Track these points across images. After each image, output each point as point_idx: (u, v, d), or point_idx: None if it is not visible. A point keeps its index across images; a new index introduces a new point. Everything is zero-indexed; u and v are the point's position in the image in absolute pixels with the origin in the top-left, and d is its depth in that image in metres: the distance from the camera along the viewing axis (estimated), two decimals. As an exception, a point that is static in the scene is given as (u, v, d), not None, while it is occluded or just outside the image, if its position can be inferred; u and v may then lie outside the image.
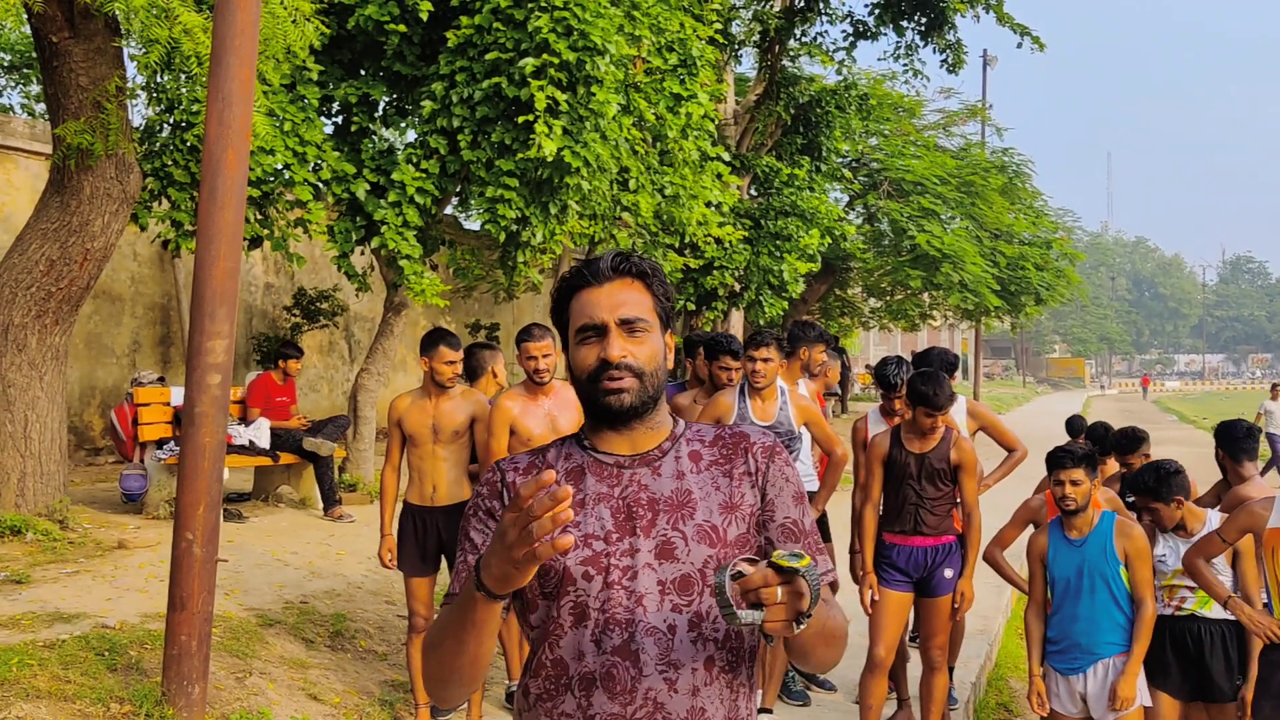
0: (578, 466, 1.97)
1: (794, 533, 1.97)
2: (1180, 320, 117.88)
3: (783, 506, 1.98)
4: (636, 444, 1.97)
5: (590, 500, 1.92)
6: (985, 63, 36.91)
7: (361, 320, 16.65)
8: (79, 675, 4.82)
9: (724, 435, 2.02)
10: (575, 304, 1.97)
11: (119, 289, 12.56)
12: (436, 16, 9.06)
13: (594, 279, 1.95)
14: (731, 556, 1.88)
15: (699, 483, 1.94)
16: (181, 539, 4.57)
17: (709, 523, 1.91)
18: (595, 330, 1.93)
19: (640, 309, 1.94)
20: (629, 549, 1.87)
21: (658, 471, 1.95)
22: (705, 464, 1.97)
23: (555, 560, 1.86)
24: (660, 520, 1.90)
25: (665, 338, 1.99)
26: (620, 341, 1.91)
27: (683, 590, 1.86)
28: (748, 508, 1.95)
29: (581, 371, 1.94)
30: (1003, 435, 6.27)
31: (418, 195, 9.02)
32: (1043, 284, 23.89)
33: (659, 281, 1.99)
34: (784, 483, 1.99)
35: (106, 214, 7.41)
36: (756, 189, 17.24)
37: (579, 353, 1.95)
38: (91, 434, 12.15)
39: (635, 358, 1.92)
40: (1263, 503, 4.44)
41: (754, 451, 1.99)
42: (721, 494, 1.94)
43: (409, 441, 5.44)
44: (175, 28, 6.28)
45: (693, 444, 2.00)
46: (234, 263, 4.65)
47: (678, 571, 1.87)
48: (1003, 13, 17.54)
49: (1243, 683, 4.69)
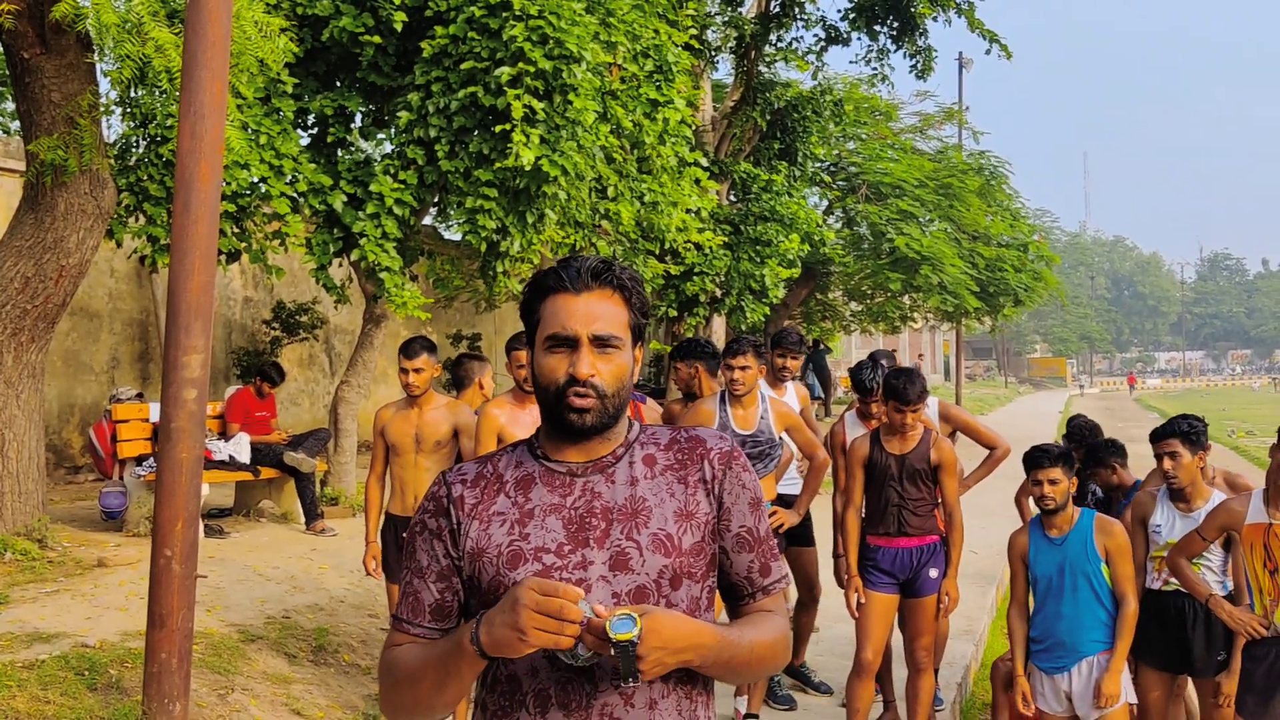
0: (528, 475, 1.93)
1: (748, 541, 1.95)
2: (1160, 318, 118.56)
3: (739, 515, 1.95)
4: (590, 451, 1.93)
5: (540, 511, 1.88)
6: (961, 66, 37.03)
7: (341, 333, 16.59)
8: (58, 695, 4.78)
9: (679, 439, 1.98)
10: (548, 307, 1.91)
11: (96, 305, 12.49)
12: (411, 27, 9.04)
13: (571, 285, 1.89)
14: (687, 566, 1.87)
15: (653, 489, 1.90)
16: (160, 555, 4.54)
17: (664, 531, 1.87)
18: (566, 342, 1.87)
19: (615, 325, 1.89)
20: (581, 561, 1.83)
21: (611, 479, 1.90)
22: (660, 469, 1.93)
23: (504, 575, 1.84)
24: (614, 530, 1.85)
25: (635, 351, 1.94)
26: (590, 358, 1.86)
27: (638, 600, 1.83)
28: (703, 516, 1.91)
29: (547, 382, 1.89)
30: (980, 434, 6.22)
31: (396, 206, 8.99)
32: (1021, 285, 23.97)
33: (637, 295, 1.93)
34: (741, 490, 1.95)
35: (81, 230, 7.36)
36: (735, 195, 17.26)
37: (546, 360, 1.89)
38: (70, 452, 12.07)
39: (602, 377, 1.87)
40: (1240, 499, 4.48)
41: (710, 458, 1.94)
42: (676, 501, 1.90)
43: (392, 451, 5.43)
44: (147, 44, 6.24)
45: (647, 448, 1.96)
46: (209, 277, 4.62)
47: (633, 583, 1.83)
48: (974, 19, 17.60)
49: (1225, 658, 4.71)
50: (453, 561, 1.91)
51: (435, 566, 1.92)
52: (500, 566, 1.85)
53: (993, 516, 10.52)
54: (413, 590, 1.92)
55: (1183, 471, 4.74)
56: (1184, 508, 4.82)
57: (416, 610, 1.92)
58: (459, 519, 1.91)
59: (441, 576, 1.91)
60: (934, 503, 5.26)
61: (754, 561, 1.97)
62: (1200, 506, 4.77)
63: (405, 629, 1.93)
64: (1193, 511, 4.78)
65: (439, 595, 1.91)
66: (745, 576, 1.97)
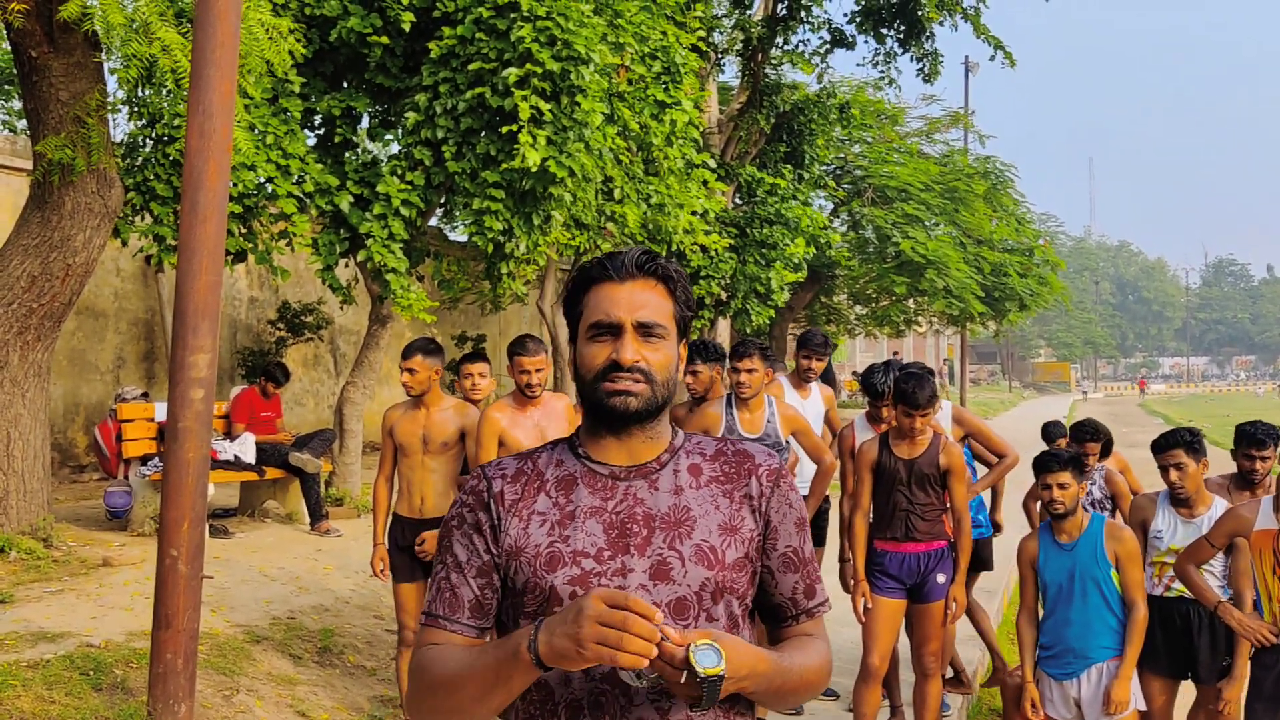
0: (569, 475, 1.87)
1: (794, 561, 1.91)
2: (1164, 323, 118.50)
3: (785, 534, 1.90)
4: (634, 454, 1.87)
5: (581, 513, 1.82)
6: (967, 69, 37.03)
7: (347, 333, 16.59)
8: (63, 695, 4.77)
9: (726, 451, 1.92)
10: (592, 297, 1.87)
11: (102, 305, 12.49)
12: (419, 28, 9.03)
13: (615, 274, 1.85)
14: (729, 580, 1.82)
15: (698, 499, 1.85)
16: (166, 555, 4.53)
17: (707, 543, 1.81)
18: (610, 329, 1.83)
19: (660, 314, 1.84)
20: (620, 568, 1.78)
21: (655, 485, 1.85)
22: (705, 479, 1.88)
23: (541, 578, 1.79)
24: (656, 538, 1.80)
25: (679, 347, 1.89)
26: (634, 345, 1.81)
27: (678, 614, 1.77)
28: (748, 532, 1.86)
29: (588, 370, 1.84)
30: (991, 441, 6.19)
31: (403, 207, 8.99)
32: (1026, 290, 23.96)
33: (682, 287, 1.89)
34: (788, 509, 1.91)
35: (88, 229, 7.36)
36: (741, 197, 17.25)
37: (589, 349, 1.85)
38: (76, 451, 12.07)
39: (648, 364, 1.82)
40: (1248, 506, 4.46)
41: (759, 474, 1.90)
42: (721, 514, 1.85)
43: (399, 452, 5.43)
44: (154, 44, 6.24)
45: (693, 457, 1.90)
46: (216, 276, 4.61)
47: (673, 594, 1.78)
48: (979, 24, 17.59)
49: (1229, 663, 4.70)
50: (493, 558, 1.84)
51: (475, 561, 1.85)
52: (538, 568, 1.80)
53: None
54: (450, 585, 1.85)
55: (1189, 481, 4.78)
56: (1185, 513, 4.82)
57: (454, 606, 1.84)
58: (499, 514, 1.85)
59: (482, 572, 1.85)
60: (942, 508, 5.23)
61: (799, 583, 1.93)
62: (1202, 513, 4.78)
63: (442, 626, 1.84)
64: (1195, 517, 4.79)
65: (478, 591, 1.84)
66: (790, 598, 1.93)
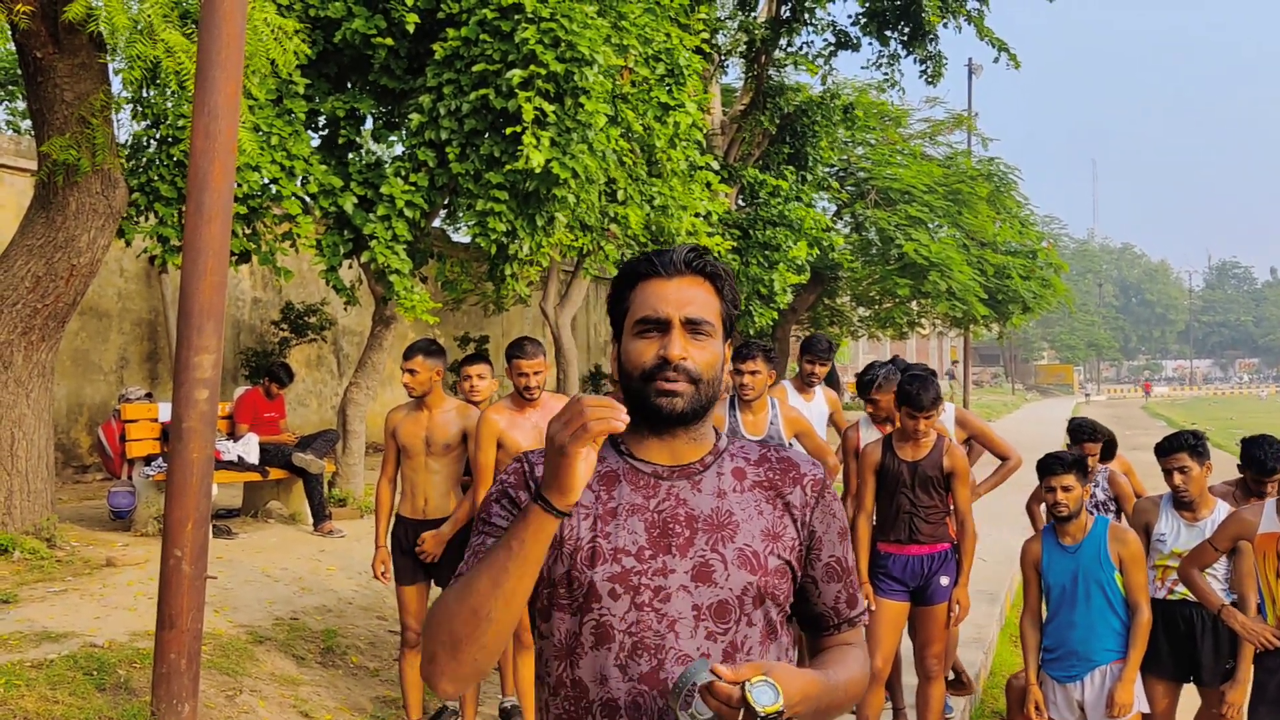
0: (612, 471, 1.84)
1: (838, 571, 1.90)
2: (1167, 326, 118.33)
3: (829, 544, 1.89)
4: (677, 454, 1.84)
5: (623, 511, 1.80)
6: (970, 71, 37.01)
7: (350, 334, 16.60)
8: (67, 695, 4.78)
9: (770, 457, 1.90)
10: (638, 294, 1.84)
11: (106, 305, 12.50)
12: (423, 29, 9.05)
13: (663, 270, 1.83)
14: (771, 586, 1.80)
15: (741, 503, 1.82)
16: (170, 556, 4.53)
17: (750, 547, 1.79)
18: (657, 325, 1.80)
19: (707, 310, 1.82)
20: (662, 568, 1.76)
21: (698, 486, 1.82)
22: (749, 484, 1.85)
23: (581, 572, 1.76)
24: (698, 539, 1.78)
25: (725, 346, 1.87)
26: (682, 341, 1.79)
27: (719, 617, 1.75)
28: (789, 540, 1.84)
29: (635, 367, 1.81)
30: (994, 443, 6.20)
31: (406, 209, 9.00)
32: (1029, 292, 23.94)
33: (729, 285, 1.87)
34: (831, 519, 1.89)
35: (92, 229, 7.37)
36: (744, 199, 17.26)
37: (635, 346, 1.82)
38: (79, 451, 12.08)
39: (695, 361, 1.79)
40: (1252, 509, 4.46)
41: (804, 484, 1.88)
42: (764, 520, 1.83)
43: (402, 453, 5.43)
44: (158, 46, 6.25)
45: (736, 460, 1.88)
46: (221, 277, 4.62)
47: (715, 596, 1.75)
48: (983, 26, 17.59)
49: (1232, 666, 4.70)
50: None
51: None
52: (578, 562, 1.77)
53: (1002, 524, 10.50)
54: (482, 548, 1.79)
55: (1193, 484, 4.78)
56: (1189, 516, 4.83)
57: None
58: None
59: None
60: (946, 510, 5.23)
61: (841, 592, 1.92)
62: (1206, 516, 4.78)
63: None
64: (1198, 521, 4.79)
65: None
66: (832, 607, 1.92)
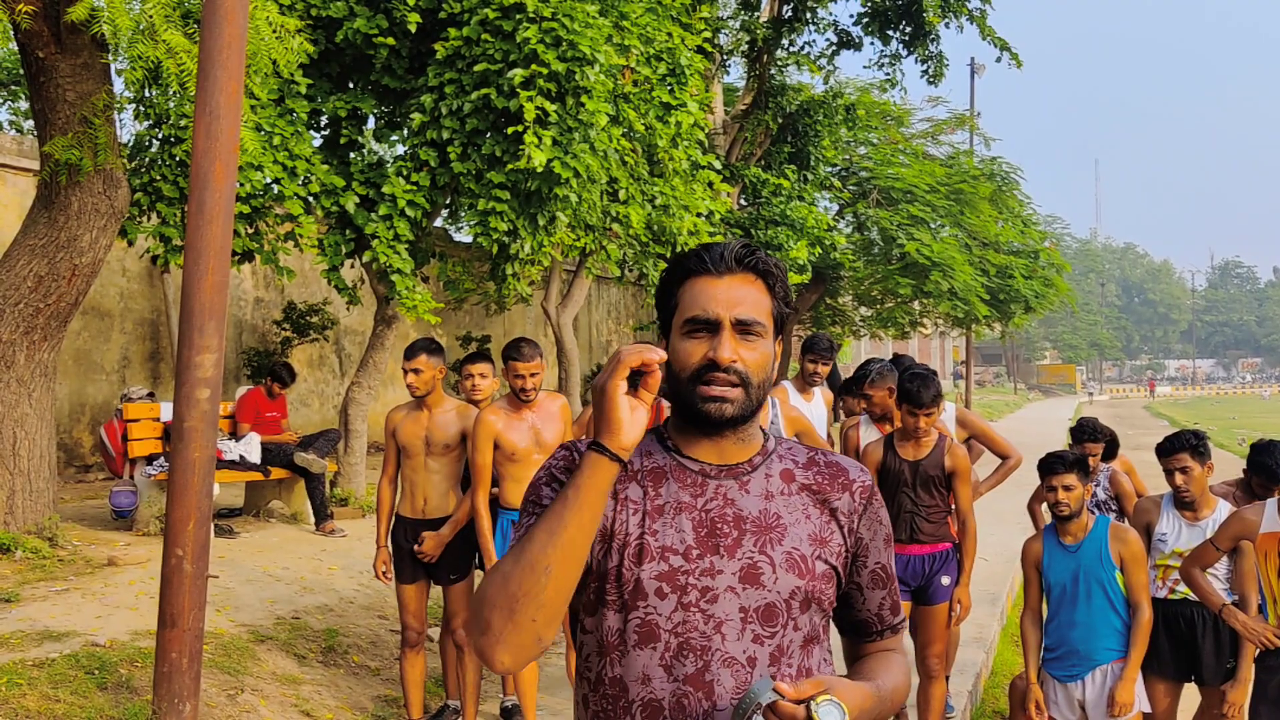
0: (659, 468, 1.81)
1: (882, 578, 1.89)
2: (1170, 326, 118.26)
3: (875, 551, 1.87)
4: (725, 454, 1.81)
5: (671, 508, 1.76)
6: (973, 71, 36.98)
7: (352, 334, 16.61)
8: (69, 694, 4.79)
9: (819, 461, 1.87)
10: (687, 291, 1.80)
11: (108, 305, 12.51)
12: (425, 29, 9.05)
13: (714, 267, 1.78)
14: (818, 591, 1.78)
15: (788, 506, 1.80)
16: (171, 555, 4.54)
17: (798, 551, 1.77)
18: (707, 325, 1.76)
19: (758, 310, 1.78)
20: (709, 568, 1.72)
21: (745, 487, 1.79)
22: (796, 487, 1.82)
23: (629, 569, 1.73)
24: (746, 541, 1.75)
25: (775, 345, 1.82)
26: (732, 343, 1.74)
27: (766, 621, 1.73)
28: (835, 545, 1.82)
29: (683, 368, 1.77)
30: (995, 443, 6.21)
31: (408, 208, 9.00)
32: (1031, 292, 23.92)
33: (781, 283, 1.83)
34: (878, 525, 1.88)
35: (95, 229, 7.37)
36: (746, 198, 17.25)
37: (683, 346, 1.78)
38: (81, 451, 12.09)
39: (745, 364, 1.75)
40: (1253, 508, 4.46)
41: (853, 490, 1.85)
42: (812, 524, 1.80)
43: (402, 453, 5.43)
44: (160, 46, 6.26)
45: (785, 462, 1.85)
46: (223, 276, 4.62)
47: (762, 599, 1.73)
48: (985, 26, 17.57)
49: (1233, 665, 4.70)
50: None
51: None
52: (625, 558, 1.74)
53: (1003, 523, 10.50)
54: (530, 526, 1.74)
55: (1194, 484, 4.78)
56: (1190, 516, 4.83)
57: None
58: None
59: None
60: (947, 510, 5.23)
61: (885, 599, 1.91)
62: (1207, 515, 4.79)
63: None
64: (1199, 520, 4.80)
65: None
66: (876, 614, 1.91)
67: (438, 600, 6.06)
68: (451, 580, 5.41)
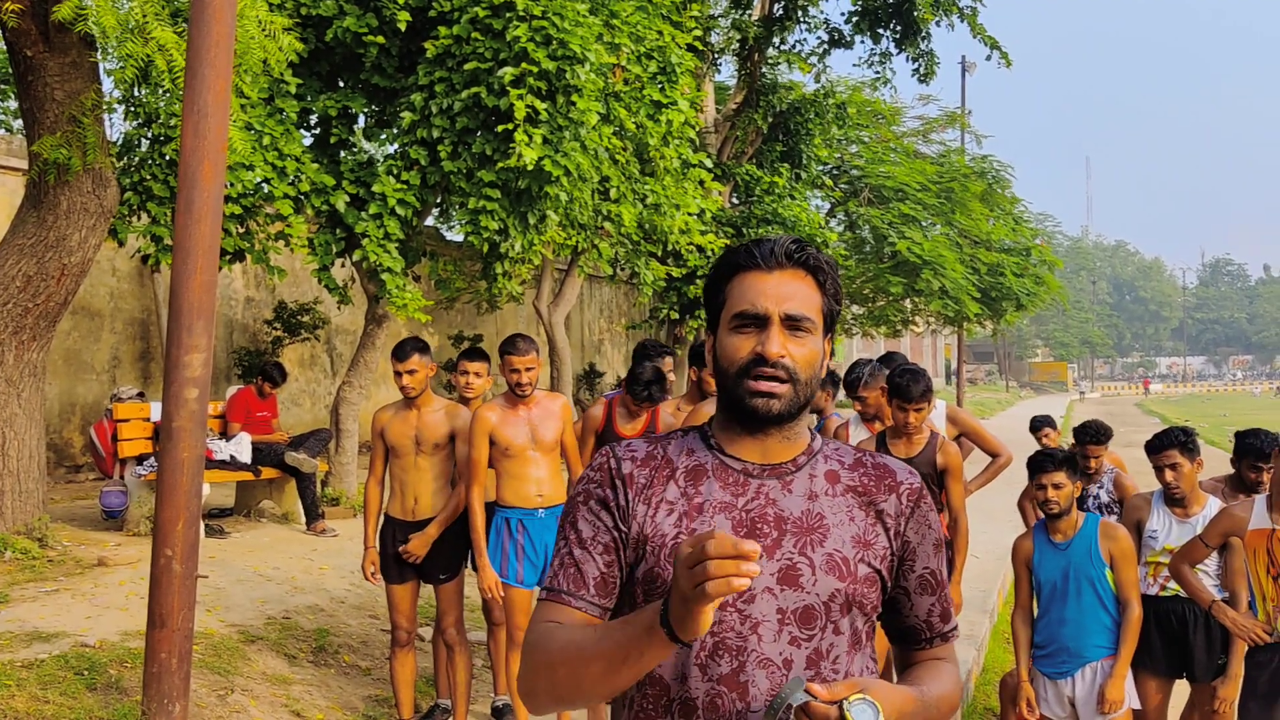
0: (700, 466, 1.79)
1: (931, 584, 1.85)
2: (1161, 323, 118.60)
3: (924, 555, 1.83)
4: (769, 453, 1.79)
5: (710, 507, 1.75)
6: (964, 69, 37.01)
7: (343, 333, 16.58)
8: (58, 695, 4.77)
9: (865, 462, 1.85)
10: (736, 286, 1.78)
11: (98, 305, 12.48)
12: (415, 27, 9.03)
13: (763, 262, 1.77)
14: (860, 594, 1.74)
15: (832, 507, 1.77)
16: (161, 555, 4.53)
17: (840, 553, 1.73)
18: (755, 320, 1.74)
19: (808, 306, 1.76)
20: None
21: (788, 487, 1.77)
22: (842, 488, 1.79)
23: (665, 569, 1.72)
24: (786, 542, 1.72)
25: (825, 342, 1.80)
26: (781, 338, 1.72)
27: (804, 623, 1.71)
28: (880, 549, 1.78)
29: (730, 364, 1.75)
30: (985, 441, 6.22)
31: (399, 207, 8.99)
32: (1023, 290, 23.98)
33: (832, 279, 1.80)
34: (927, 529, 1.84)
35: (84, 229, 7.35)
36: (738, 197, 17.26)
37: (731, 341, 1.76)
38: (71, 451, 12.06)
39: (794, 359, 1.73)
40: (1242, 505, 4.47)
41: (900, 493, 1.81)
42: (856, 526, 1.77)
43: (391, 453, 5.41)
44: (149, 44, 6.23)
45: (830, 462, 1.82)
46: (211, 275, 4.61)
47: (800, 601, 1.70)
48: (976, 24, 17.61)
49: (1225, 661, 4.72)
50: (621, 535, 1.76)
51: (602, 537, 1.76)
52: (661, 559, 1.73)
53: (994, 521, 10.51)
54: (574, 561, 1.76)
55: (1184, 481, 4.80)
56: (1180, 513, 4.85)
57: (579, 583, 1.74)
58: (628, 496, 1.77)
59: (608, 549, 1.76)
60: (939, 508, 5.23)
61: (935, 605, 1.87)
62: (1197, 512, 4.81)
63: (566, 602, 1.74)
64: (1190, 517, 4.81)
65: (605, 568, 1.75)
66: (925, 620, 1.88)
67: (429, 600, 6.04)
68: (442, 580, 5.39)
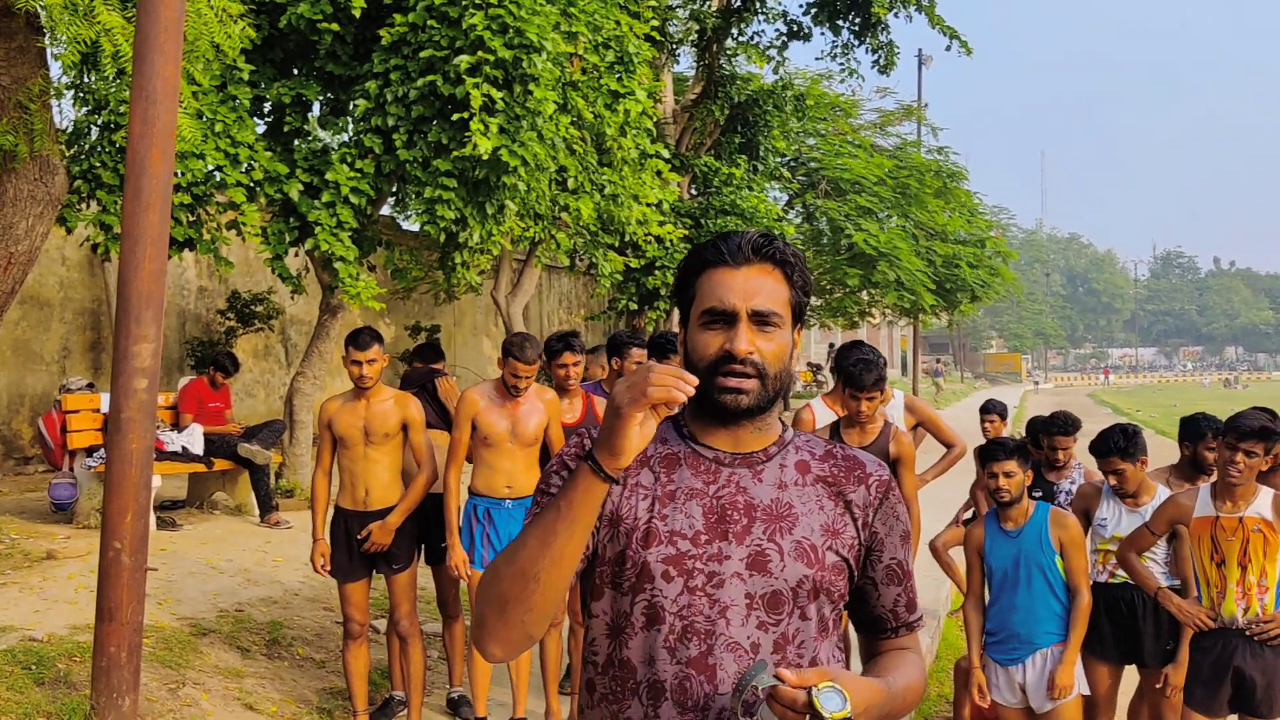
0: (673, 454, 1.83)
1: (898, 574, 1.88)
2: (1113, 315, 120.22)
3: (891, 546, 1.87)
4: (741, 443, 1.83)
5: (682, 494, 1.78)
6: (920, 62, 37.26)
7: (298, 323, 16.42)
8: (4, 690, 4.70)
9: (836, 453, 1.89)
10: (705, 282, 1.81)
11: (47, 294, 12.28)
12: (369, 14, 8.94)
13: (730, 258, 1.79)
14: (828, 581, 1.79)
15: (801, 497, 1.81)
16: (109, 548, 4.47)
17: (808, 540, 1.78)
18: (723, 317, 1.78)
19: (775, 300, 1.79)
20: (717, 554, 1.74)
21: (759, 476, 1.81)
22: (811, 479, 1.83)
23: (636, 552, 1.75)
24: (756, 528, 1.76)
25: (794, 334, 1.84)
26: (749, 334, 1.76)
27: (771, 608, 1.75)
28: (848, 538, 1.82)
29: (700, 359, 1.79)
30: (941, 431, 6.30)
31: (352, 195, 8.90)
32: (977, 281, 24.22)
33: (799, 272, 1.83)
34: (895, 521, 1.88)
35: (31, 217, 7.22)
36: (696, 188, 17.29)
37: (700, 337, 1.80)
38: (20, 442, 11.87)
39: (762, 355, 1.77)
40: (1187, 494, 4.55)
41: (869, 484, 1.86)
42: (825, 515, 1.81)
43: (340, 444, 5.34)
44: (95, 27, 6.13)
45: (801, 453, 1.86)
46: (160, 264, 4.55)
47: (769, 586, 1.74)
48: (934, 15, 17.71)
49: (1174, 647, 4.79)
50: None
51: None
52: (633, 541, 1.76)
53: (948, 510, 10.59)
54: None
55: (1129, 483, 4.89)
56: (1130, 502, 4.93)
57: None
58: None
59: None
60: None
61: (901, 596, 1.91)
62: (1147, 501, 4.88)
63: None
64: (1139, 506, 4.89)
65: None
66: (891, 610, 1.91)
67: (382, 592, 6.01)
68: (394, 570, 5.35)
